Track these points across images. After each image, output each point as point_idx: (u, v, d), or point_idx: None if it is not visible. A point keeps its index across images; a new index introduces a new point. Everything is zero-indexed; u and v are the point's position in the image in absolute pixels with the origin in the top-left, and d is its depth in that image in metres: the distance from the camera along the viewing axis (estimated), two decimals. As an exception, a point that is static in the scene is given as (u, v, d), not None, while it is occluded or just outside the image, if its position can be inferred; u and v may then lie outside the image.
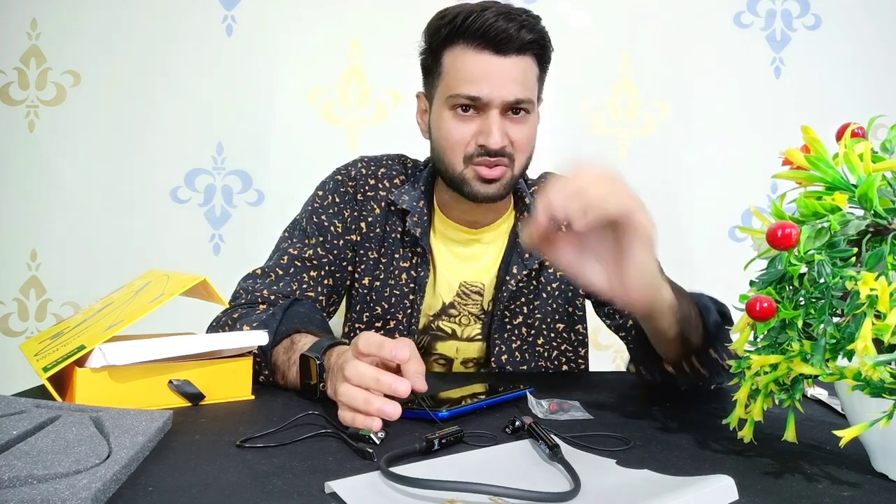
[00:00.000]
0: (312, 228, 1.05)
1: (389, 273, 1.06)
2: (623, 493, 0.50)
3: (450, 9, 0.97)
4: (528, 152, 1.00)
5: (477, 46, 0.93)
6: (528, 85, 0.96)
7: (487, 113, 0.95)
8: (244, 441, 0.61)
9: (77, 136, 1.70)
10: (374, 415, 0.63)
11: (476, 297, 1.08)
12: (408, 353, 0.66)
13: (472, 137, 0.96)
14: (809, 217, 0.54)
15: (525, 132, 0.97)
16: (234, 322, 0.91)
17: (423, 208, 1.04)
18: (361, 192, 1.07)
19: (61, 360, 0.69)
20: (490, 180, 0.97)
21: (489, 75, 0.93)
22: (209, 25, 1.71)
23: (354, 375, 0.65)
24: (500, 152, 0.95)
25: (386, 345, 0.66)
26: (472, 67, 0.94)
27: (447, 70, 0.97)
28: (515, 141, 0.97)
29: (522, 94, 0.95)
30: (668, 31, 1.75)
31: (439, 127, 0.99)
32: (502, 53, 0.93)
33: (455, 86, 0.95)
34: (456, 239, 1.08)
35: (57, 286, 1.71)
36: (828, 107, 1.72)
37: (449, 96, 0.96)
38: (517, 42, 0.93)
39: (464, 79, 0.94)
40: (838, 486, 0.54)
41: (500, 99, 0.93)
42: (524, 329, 1.07)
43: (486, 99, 0.93)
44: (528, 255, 1.04)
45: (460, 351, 1.10)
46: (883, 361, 0.49)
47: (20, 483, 0.45)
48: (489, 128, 0.94)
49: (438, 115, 0.99)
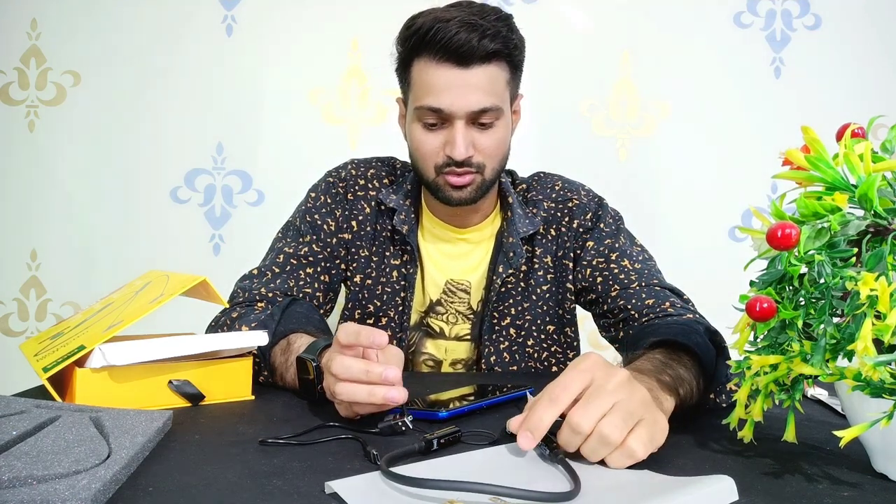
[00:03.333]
0: (306, 227, 1.07)
1: (381, 271, 1.08)
2: (623, 493, 0.50)
3: (418, 18, 0.97)
4: (498, 157, 1.01)
5: (439, 59, 0.94)
6: (496, 91, 0.96)
7: (453, 124, 0.96)
8: (264, 441, 0.61)
9: (77, 136, 1.70)
10: (380, 404, 0.64)
11: (463, 294, 1.09)
12: (385, 338, 0.65)
13: (441, 148, 0.98)
14: (809, 217, 0.54)
15: (493, 140, 0.98)
16: (232, 322, 0.92)
17: (409, 206, 1.07)
18: (352, 192, 1.09)
19: (61, 360, 0.69)
20: (460, 187, 0.99)
21: (451, 87, 0.94)
22: (209, 25, 1.71)
23: (342, 370, 0.65)
24: (466, 163, 0.97)
25: (362, 332, 0.66)
26: (436, 81, 0.95)
27: (415, 81, 0.98)
28: (484, 149, 0.98)
29: (488, 103, 0.95)
30: (668, 31, 1.75)
31: (411, 138, 1.01)
32: (464, 65, 0.93)
33: (420, 97, 0.97)
34: (442, 237, 1.10)
35: (57, 286, 1.71)
36: (828, 107, 1.71)
37: (416, 108, 0.98)
38: (479, 52, 0.93)
39: (428, 91, 0.95)
40: (838, 486, 0.54)
41: (463, 110, 0.95)
42: (513, 330, 1.08)
43: (448, 111, 0.95)
44: (511, 253, 1.04)
45: (448, 352, 1.10)
46: (883, 362, 0.49)
47: (20, 483, 0.45)
48: (454, 139, 0.96)
49: (410, 126, 1.01)
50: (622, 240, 1.08)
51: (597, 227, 1.08)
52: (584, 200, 1.10)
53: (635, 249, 1.07)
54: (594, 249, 1.06)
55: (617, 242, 1.07)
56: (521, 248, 1.05)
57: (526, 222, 1.07)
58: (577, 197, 1.10)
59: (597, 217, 1.09)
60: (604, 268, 1.04)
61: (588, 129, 1.75)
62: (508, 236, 1.05)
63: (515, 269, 1.06)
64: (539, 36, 1.10)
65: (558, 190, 1.11)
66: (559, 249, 1.08)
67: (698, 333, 0.79)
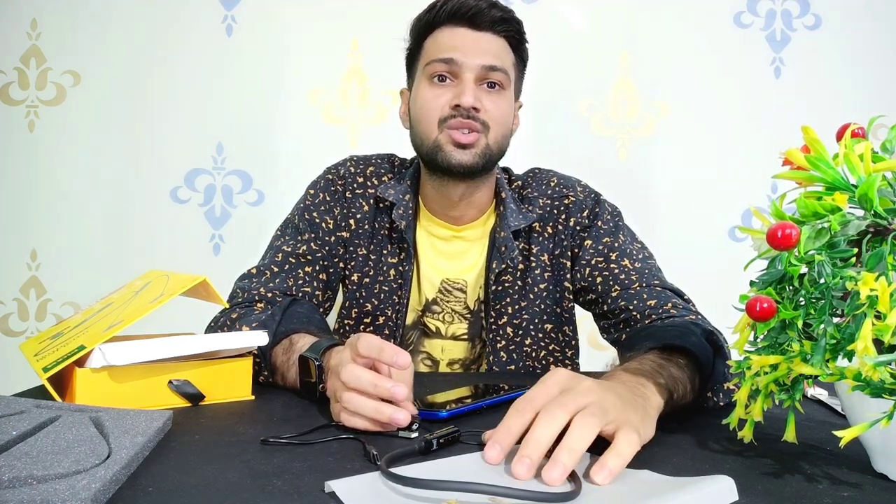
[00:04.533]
0: (304, 225, 1.07)
1: (378, 269, 1.08)
2: (623, 494, 0.50)
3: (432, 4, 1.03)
4: (502, 126, 1.02)
5: (452, 24, 1.01)
6: (503, 60, 1.02)
7: (462, 78, 0.99)
8: (265, 440, 0.61)
9: (77, 136, 1.70)
10: (384, 422, 0.63)
11: (459, 293, 1.08)
12: (408, 361, 0.65)
13: (447, 104, 1.00)
14: (809, 217, 0.54)
15: (499, 104, 1.01)
16: (232, 322, 0.92)
17: (408, 201, 1.07)
18: (350, 190, 1.09)
19: (61, 360, 0.69)
20: (464, 145, 0.99)
21: (465, 43, 1.00)
22: (209, 25, 1.71)
23: (352, 380, 0.65)
24: (474, 116, 0.98)
25: (386, 349, 0.65)
26: (449, 39, 1.01)
27: (427, 49, 1.03)
28: (489, 109, 1.00)
29: (497, 62, 1.00)
30: (668, 31, 1.75)
31: (416, 98, 1.03)
32: (475, 27, 1.00)
33: (432, 55, 1.01)
34: (438, 235, 1.09)
35: (57, 286, 1.71)
36: (828, 107, 1.71)
37: (426, 65, 1.01)
38: (488, 17, 0.99)
39: (440, 49, 1.01)
40: (838, 486, 0.54)
41: (474, 62, 0.99)
42: (510, 329, 1.07)
43: (459, 61, 0.99)
44: (504, 248, 1.04)
45: (445, 351, 1.10)
46: (883, 362, 0.49)
47: (20, 483, 0.45)
48: (463, 89, 0.98)
49: (417, 90, 1.04)
50: (621, 237, 1.06)
51: (594, 225, 1.07)
52: (581, 197, 1.09)
53: (635, 247, 1.06)
54: (593, 248, 1.06)
55: (616, 241, 1.06)
56: (512, 242, 1.05)
57: (519, 217, 1.06)
58: (572, 193, 1.09)
59: (594, 214, 1.08)
60: (603, 267, 1.04)
61: (588, 129, 1.75)
62: (501, 231, 1.05)
63: (510, 265, 1.06)
64: (538, 36, 1.10)
65: (553, 186, 1.11)
66: (556, 247, 1.08)
67: (694, 334, 0.79)
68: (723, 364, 0.78)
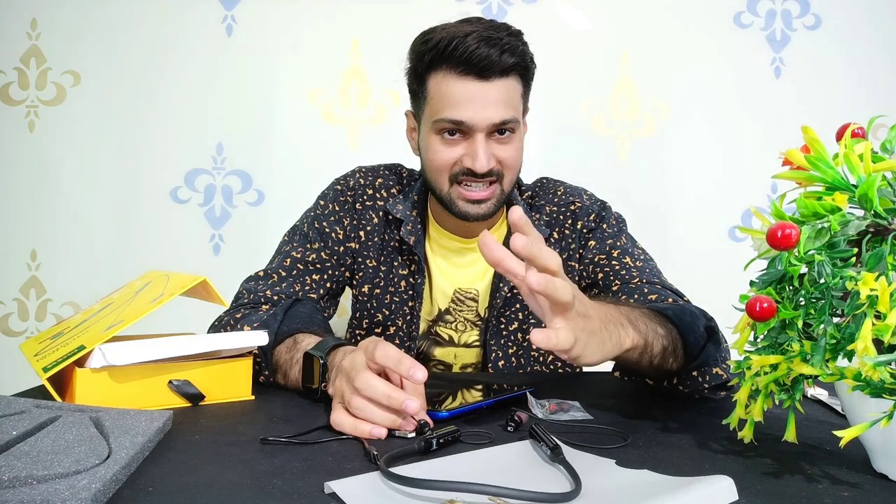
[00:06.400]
0: (314, 234, 1.07)
1: (389, 280, 1.08)
2: (623, 494, 0.50)
3: (433, 32, 0.97)
4: (515, 169, 1.02)
5: (460, 73, 0.95)
6: (513, 104, 0.98)
7: (473, 136, 0.96)
8: (265, 440, 0.61)
9: (77, 136, 1.69)
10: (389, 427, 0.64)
11: (471, 303, 1.09)
12: (424, 377, 0.64)
13: (457, 160, 0.98)
14: (809, 217, 0.54)
15: (511, 151, 1.00)
16: (236, 322, 0.92)
17: (416, 217, 1.07)
18: (360, 202, 1.10)
19: (61, 360, 0.69)
20: (478, 201, 0.99)
21: (473, 100, 0.95)
22: (209, 25, 1.71)
23: (366, 387, 0.64)
24: (487, 174, 0.98)
25: (404, 361, 0.64)
26: (457, 93, 0.95)
27: (432, 95, 0.98)
28: (503, 160, 0.99)
29: (507, 115, 0.96)
30: (668, 31, 1.75)
31: (426, 149, 1.01)
32: (485, 79, 0.95)
33: (440, 110, 0.97)
34: (449, 248, 1.10)
35: (57, 286, 1.71)
36: (828, 107, 1.71)
37: (435, 121, 0.98)
38: (499, 67, 0.94)
39: (448, 104, 0.96)
40: (838, 486, 0.54)
41: (485, 122, 0.95)
42: (520, 335, 1.08)
43: (470, 123, 0.95)
44: None
45: (458, 357, 1.11)
46: (883, 362, 0.49)
47: (20, 483, 0.45)
48: (475, 151, 0.96)
49: (426, 139, 1.01)
50: (624, 240, 1.08)
51: (599, 228, 1.08)
52: (587, 203, 1.11)
53: (637, 250, 1.08)
54: (596, 248, 1.07)
55: (619, 241, 1.07)
56: None
57: None
58: (579, 200, 1.11)
59: (600, 217, 1.09)
60: (605, 264, 1.05)
61: (588, 129, 1.75)
62: None
63: None
64: (539, 36, 1.09)
65: (560, 195, 1.12)
66: (563, 252, 1.09)
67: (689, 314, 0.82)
68: (716, 349, 0.81)
